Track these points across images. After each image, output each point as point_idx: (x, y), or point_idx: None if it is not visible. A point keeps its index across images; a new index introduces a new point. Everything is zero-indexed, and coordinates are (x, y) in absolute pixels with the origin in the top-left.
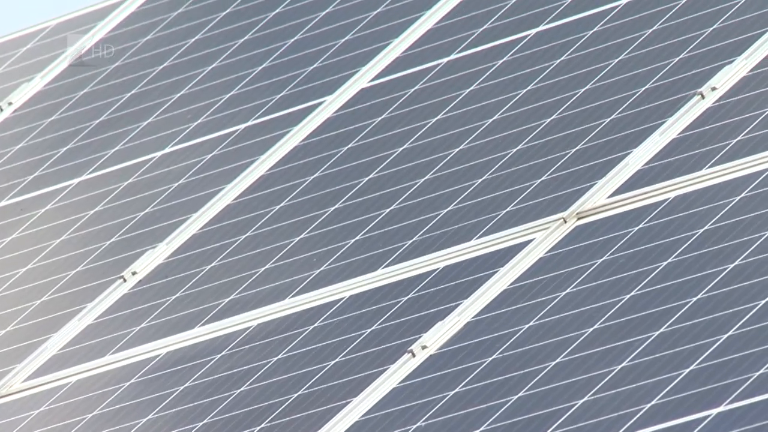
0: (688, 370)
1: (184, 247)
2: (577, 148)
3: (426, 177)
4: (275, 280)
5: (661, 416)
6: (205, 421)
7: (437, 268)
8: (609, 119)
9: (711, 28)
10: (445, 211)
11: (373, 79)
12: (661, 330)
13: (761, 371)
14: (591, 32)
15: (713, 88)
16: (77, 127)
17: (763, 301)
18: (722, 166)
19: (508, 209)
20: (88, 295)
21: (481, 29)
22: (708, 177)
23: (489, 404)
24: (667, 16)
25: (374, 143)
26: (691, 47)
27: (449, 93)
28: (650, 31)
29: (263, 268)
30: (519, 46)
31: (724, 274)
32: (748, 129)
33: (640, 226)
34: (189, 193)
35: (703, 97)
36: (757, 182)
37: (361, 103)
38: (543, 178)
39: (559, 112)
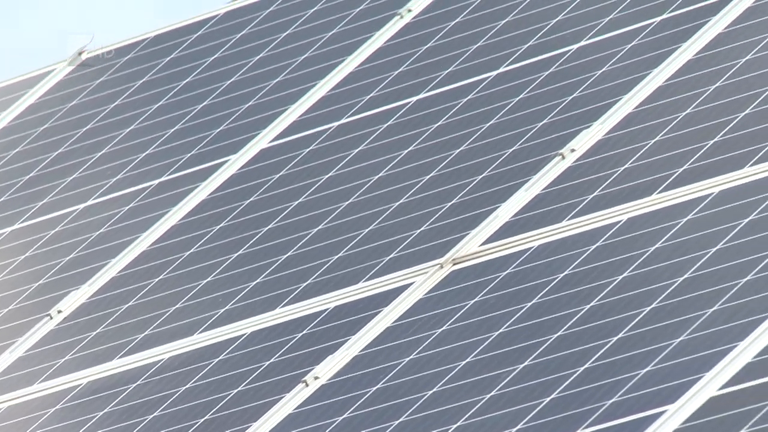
0: (549, 398)
1: (104, 288)
2: (453, 201)
3: (319, 226)
4: (185, 317)
5: None
6: None
7: (328, 308)
8: (481, 176)
9: (570, 97)
10: (336, 257)
11: (272, 141)
12: (526, 363)
13: (614, 399)
14: (465, 99)
15: (572, 150)
16: (10, 182)
17: (615, 338)
18: (580, 219)
19: (391, 255)
20: (18, 330)
21: (368, 96)
22: (567, 228)
23: (374, 428)
24: (532, 86)
25: (273, 197)
26: (553, 114)
27: (340, 153)
28: (517, 99)
29: (174, 307)
30: (402, 111)
31: (581, 313)
32: (603, 186)
33: (508, 270)
34: (109, 240)
35: (563, 157)
36: (610, 233)
37: (261, 162)
38: (422, 228)
39: (437, 169)
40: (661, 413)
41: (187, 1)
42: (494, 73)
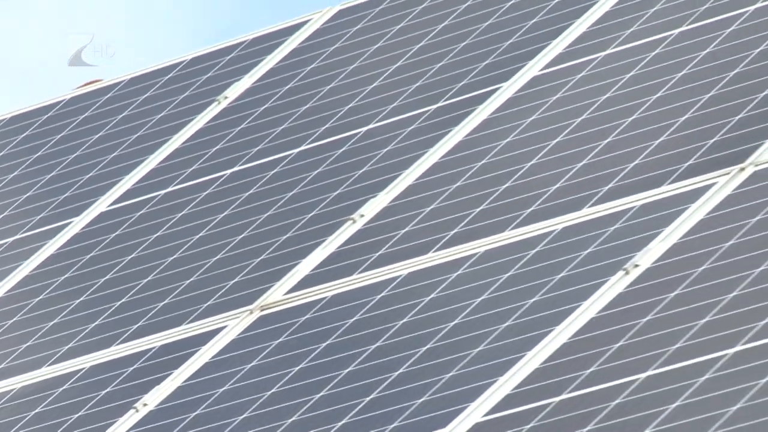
0: (341, 423)
1: None
2: (261, 257)
3: (149, 277)
4: (35, 353)
5: None
6: None
7: (156, 346)
8: (285, 236)
9: (361, 170)
10: (163, 303)
11: (110, 205)
12: (321, 393)
13: (395, 424)
14: (272, 172)
15: (362, 215)
16: None
17: (396, 373)
18: (368, 272)
19: (209, 303)
20: None
21: (191, 169)
22: (357, 281)
23: None
24: (329, 161)
25: (110, 253)
26: (346, 184)
27: (167, 216)
28: (316, 172)
29: (26, 345)
30: (220, 181)
31: (368, 353)
32: (388, 245)
33: (307, 316)
34: None
35: (354, 221)
36: (393, 285)
37: (100, 223)
38: (235, 280)
39: (249, 229)
40: None
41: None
42: (297, 150)
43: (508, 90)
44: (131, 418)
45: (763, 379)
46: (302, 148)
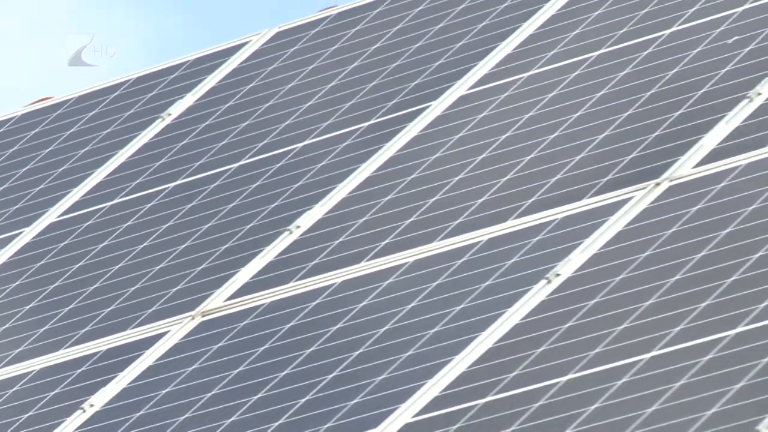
0: (277, 423)
1: None
2: (202, 266)
3: (95, 285)
4: None
5: None
6: None
7: (102, 350)
8: (225, 246)
9: (298, 183)
10: (109, 309)
11: (59, 216)
12: (259, 395)
13: (329, 424)
14: (213, 185)
15: (298, 226)
16: None
17: (330, 376)
18: (304, 280)
19: (153, 309)
20: None
21: (136, 182)
22: (294, 288)
23: None
24: (267, 174)
25: (59, 261)
26: (283, 197)
27: (113, 226)
28: (255, 185)
29: None
30: (163, 193)
31: (304, 356)
32: (323, 254)
33: (246, 321)
34: None
35: (291, 232)
36: (328, 292)
37: (50, 233)
38: (178, 287)
39: (191, 239)
40: None
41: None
42: (237, 164)
43: (436, 108)
44: (78, 418)
45: (677, 382)
46: (242, 162)
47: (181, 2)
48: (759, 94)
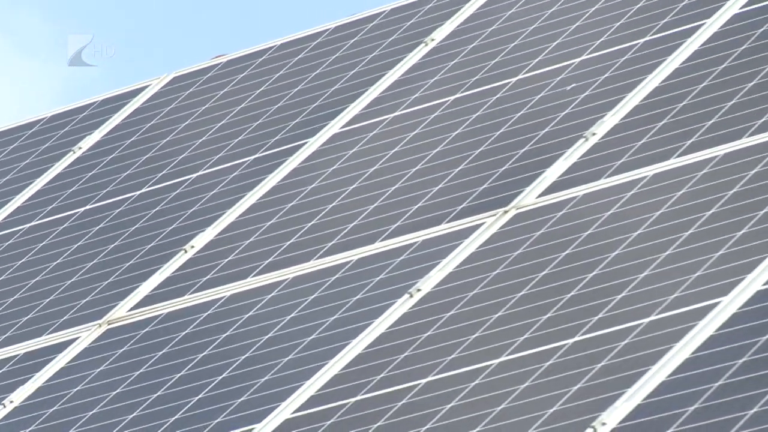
0: (173, 418)
1: None
2: (109, 280)
3: (15, 296)
4: None
5: None
6: None
7: (21, 353)
8: (129, 263)
9: (192, 209)
10: (26, 318)
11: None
12: (158, 393)
13: (219, 419)
14: (118, 210)
15: (192, 246)
16: None
17: (220, 377)
18: (198, 293)
19: (65, 317)
20: None
21: (50, 207)
22: (189, 300)
23: None
24: (165, 201)
25: None
26: (180, 220)
27: (30, 245)
28: (155, 210)
29: None
30: (73, 218)
31: (196, 360)
32: (215, 270)
33: (146, 329)
34: None
35: (186, 251)
36: (218, 305)
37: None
38: (87, 299)
39: (99, 257)
40: (251, 430)
41: None
42: (139, 192)
43: (313, 144)
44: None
45: (522, 384)
46: (143, 190)
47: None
48: (594, 134)
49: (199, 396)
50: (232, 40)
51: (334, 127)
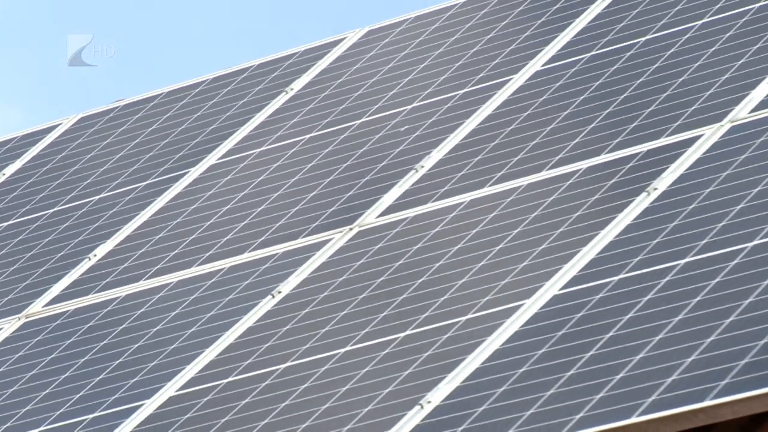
0: (74, 398)
1: None
2: (27, 281)
3: None
4: None
5: None
6: None
7: None
8: (44, 268)
9: (95, 225)
10: None
11: None
12: (66, 375)
13: (117, 395)
14: (31, 227)
15: (95, 255)
16: None
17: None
18: (100, 293)
19: None
20: None
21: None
22: (92, 299)
23: None
24: (68, 223)
25: None
26: (84, 234)
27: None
28: (62, 227)
29: None
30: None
31: (98, 347)
32: (113, 275)
33: (58, 322)
34: None
35: (90, 259)
36: (116, 301)
37: None
38: (9, 296)
39: (19, 263)
40: (142, 404)
41: None
42: (51, 210)
43: (194, 173)
44: None
45: (363, 369)
46: (55, 209)
47: (17, 95)
48: (422, 167)
49: (101, 377)
50: (132, 86)
51: (212, 159)
